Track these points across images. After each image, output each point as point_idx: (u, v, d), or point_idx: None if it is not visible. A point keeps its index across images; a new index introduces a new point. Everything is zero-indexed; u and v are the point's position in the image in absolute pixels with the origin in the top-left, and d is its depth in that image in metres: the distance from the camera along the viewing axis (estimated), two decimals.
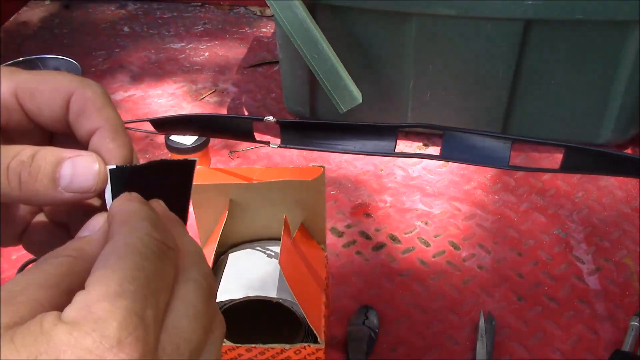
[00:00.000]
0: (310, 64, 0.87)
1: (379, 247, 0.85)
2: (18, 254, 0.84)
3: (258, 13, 1.45)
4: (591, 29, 0.86)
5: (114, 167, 0.28)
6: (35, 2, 1.53)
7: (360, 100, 0.89)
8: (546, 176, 0.95)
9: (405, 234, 0.87)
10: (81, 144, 0.29)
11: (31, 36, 1.39)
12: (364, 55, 0.94)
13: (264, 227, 0.72)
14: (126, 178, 0.29)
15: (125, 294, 0.23)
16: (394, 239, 0.86)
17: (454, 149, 0.55)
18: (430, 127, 0.58)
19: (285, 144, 0.60)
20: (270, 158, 1.01)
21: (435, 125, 0.58)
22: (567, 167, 0.52)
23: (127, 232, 0.26)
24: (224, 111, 1.13)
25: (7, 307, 0.22)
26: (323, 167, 0.68)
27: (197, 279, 0.26)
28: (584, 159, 0.51)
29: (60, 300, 0.24)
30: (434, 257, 0.83)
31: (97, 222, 0.28)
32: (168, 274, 0.25)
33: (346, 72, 0.88)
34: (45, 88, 0.28)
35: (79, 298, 0.23)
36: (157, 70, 1.25)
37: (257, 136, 0.63)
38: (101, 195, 0.28)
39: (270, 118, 0.59)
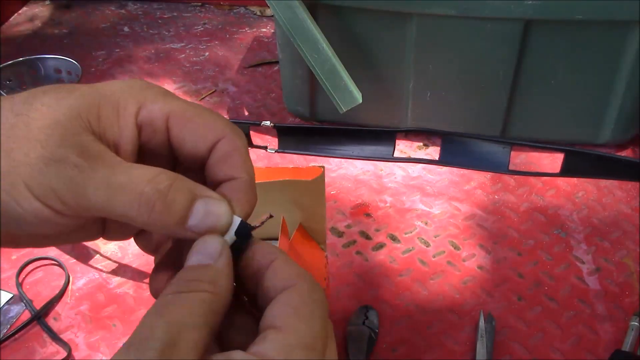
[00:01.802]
0: (310, 64, 0.87)
1: (379, 247, 0.85)
2: (18, 253, 0.84)
3: (258, 13, 1.45)
4: (591, 29, 0.86)
5: (239, 219, 0.30)
6: (35, 2, 1.53)
7: (360, 100, 0.89)
8: (546, 176, 0.95)
9: (405, 234, 0.87)
10: (201, 181, 0.29)
11: (31, 36, 1.39)
12: (364, 55, 0.94)
13: (264, 227, 0.71)
14: (245, 233, 0.30)
15: (315, 347, 0.26)
16: (394, 239, 0.86)
17: (454, 154, 0.55)
18: (428, 131, 0.58)
19: (282, 148, 0.60)
20: (270, 158, 1.01)
21: (434, 130, 0.58)
22: (567, 171, 0.52)
23: (316, 292, 0.28)
24: (224, 111, 1.13)
25: (172, 351, 0.23)
26: (323, 167, 0.68)
27: (334, 346, 0.29)
28: (583, 163, 0.51)
29: (209, 339, 0.25)
30: (434, 257, 0.83)
31: (213, 247, 0.28)
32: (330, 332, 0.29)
33: (346, 72, 0.88)
34: (199, 122, 0.28)
35: (274, 337, 0.26)
36: (157, 70, 1.25)
37: (256, 139, 0.63)
38: None
39: (268, 123, 0.59)
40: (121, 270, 0.82)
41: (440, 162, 0.56)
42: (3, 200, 0.26)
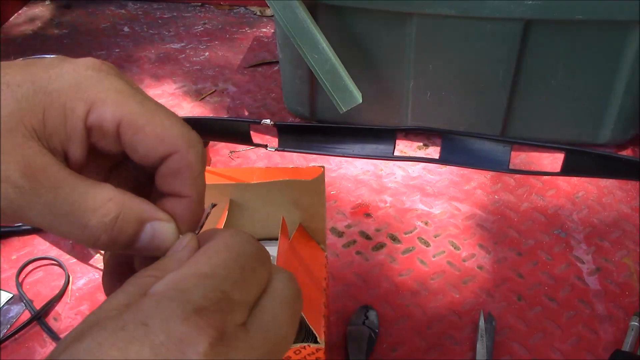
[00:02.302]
0: (310, 64, 0.87)
1: (379, 247, 0.85)
2: (18, 253, 0.84)
3: (258, 13, 1.45)
4: (591, 29, 0.86)
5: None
6: (35, 2, 1.53)
7: (360, 100, 0.89)
8: (546, 176, 0.95)
9: (405, 234, 0.87)
10: (144, 175, 0.29)
11: (31, 36, 1.39)
12: (364, 55, 0.94)
13: (264, 227, 0.72)
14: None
15: (215, 275, 0.24)
16: (394, 239, 0.86)
17: (453, 152, 0.55)
18: (429, 130, 0.59)
19: (282, 147, 0.60)
20: (270, 158, 1.01)
21: (434, 129, 0.58)
22: (567, 170, 0.52)
23: (228, 236, 0.27)
24: (223, 111, 1.13)
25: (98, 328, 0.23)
26: (323, 167, 0.68)
27: (287, 278, 0.27)
28: (584, 162, 0.51)
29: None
30: (434, 257, 0.83)
31: (181, 242, 0.28)
32: (262, 274, 0.26)
33: (346, 72, 0.88)
34: (150, 132, 0.27)
35: (169, 276, 0.24)
36: (157, 70, 1.25)
37: (256, 137, 0.63)
38: None
39: (268, 121, 0.59)
40: None
41: (440, 160, 0.56)
42: None
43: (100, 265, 0.83)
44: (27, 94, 0.25)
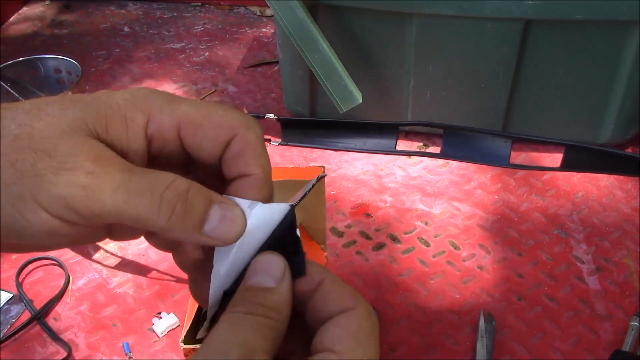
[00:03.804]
0: (310, 64, 0.87)
1: (379, 247, 0.85)
2: (18, 253, 0.84)
3: (258, 13, 1.45)
4: (591, 29, 0.86)
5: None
6: (35, 2, 1.53)
7: (360, 100, 0.89)
8: (546, 176, 0.95)
9: (405, 234, 0.87)
10: (216, 184, 0.29)
11: (31, 36, 1.39)
12: (364, 55, 0.94)
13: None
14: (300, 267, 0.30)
15: None
16: (394, 239, 0.86)
17: (455, 147, 0.55)
18: (431, 125, 0.59)
19: (286, 141, 0.60)
20: (270, 158, 1.01)
21: (436, 124, 0.58)
22: (567, 165, 0.52)
23: (367, 313, 0.28)
24: None
25: None
26: (323, 167, 0.68)
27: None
28: (584, 158, 0.51)
29: None
30: (434, 257, 0.83)
31: (275, 269, 0.29)
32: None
33: (346, 72, 0.88)
34: (208, 125, 0.28)
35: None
36: (157, 71, 1.25)
37: None
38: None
39: (272, 115, 0.59)
40: (121, 270, 0.82)
41: (441, 155, 0.56)
42: (5, 214, 0.25)
43: (100, 266, 0.83)
44: (90, 103, 0.26)
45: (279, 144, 0.61)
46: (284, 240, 0.30)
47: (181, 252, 0.32)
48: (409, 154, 0.96)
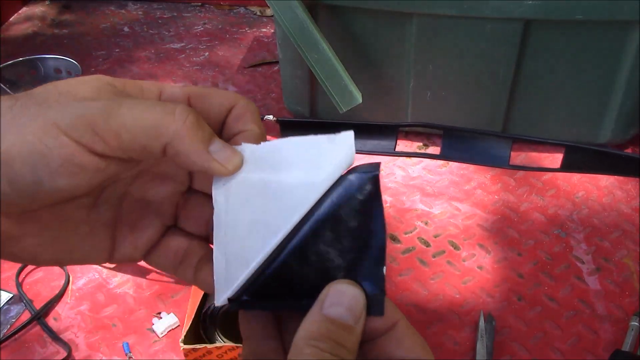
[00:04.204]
0: (310, 64, 0.87)
1: None
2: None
3: (258, 13, 1.45)
4: (591, 29, 0.86)
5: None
6: (35, 2, 1.53)
7: (360, 100, 0.89)
8: (546, 176, 0.95)
9: (405, 233, 0.87)
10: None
11: (31, 36, 1.39)
12: (364, 55, 0.94)
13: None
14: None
15: None
16: (394, 239, 0.86)
17: (454, 148, 0.55)
18: (430, 126, 0.59)
19: None
20: None
21: (435, 125, 0.58)
22: (567, 166, 0.52)
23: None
24: None
25: None
26: None
27: None
28: (583, 158, 0.51)
29: None
30: (434, 257, 0.83)
31: (356, 304, 0.30)
32: None
33: (346, 72, 0.88)
34: (214, 95, 0.32)
35: None
36: (157, 71, 1.25)
37: None
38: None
39: (271, 117, 0.59)
40: (121, 270, 0.82)
41: (441, 156, 0.56)
42: (28, 141, 0.26)
43: (100, 265, 0.83)
44: (113, 77, 0.31)
45: None
46: (361, 227, 0.32)
47: (182, 270, 0.34)
48: (408, 155, 0.96)
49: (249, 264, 0.31)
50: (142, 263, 0.83)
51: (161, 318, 0.75)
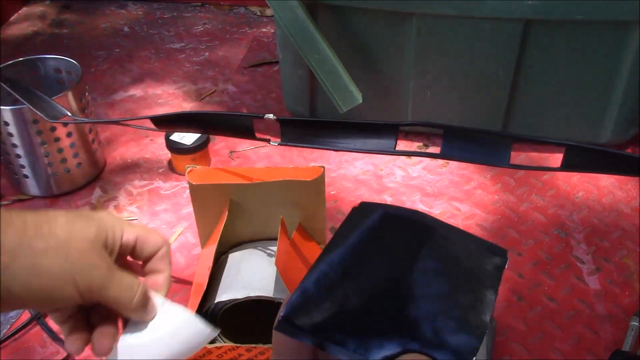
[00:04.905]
0: (310, 64, 0.87)
1: None
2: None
3: (258, 13, 1.46)
4: (591, 29, 0.86)
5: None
6: (35, 2, 1.53)
7: (361, 100, 0.89)
8: (546, 176, 0.95)
9: None
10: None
11: (31, 36, 1.39)
12: (364, 55, 0.94)
13: (264, 227, 0.72)
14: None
15: None
16: None
17: (455, 148, 0.55)
18: (431, 125, 0.58)
19: (285, 141, 0.60)
20: (270, 158, 1.01)
21: (436, 124, 0.58)
22: (567, 165, 0.52)
23: None
24: (223, 111, 1.13)
25: None
26: (323, 167, 0.68)
27: None
28: (584, 158, 0.51)
29: None
30: None
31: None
32: None
33: (346, 72, 0.88)
34: (152, 239, 0.46)
35: None
36: (157, 70, 1.25)
37: (258, 135, 0.63)
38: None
39: (271, 116, 0.59)
40: None
41: (441, 155, 0.55)
42: (56, 287, 0.40)
43: None
44: (98, 223, 0.43)
45: (278, 144, 0.61)
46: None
47: (60, 314, 0.45)
48: (408, 154, 0.96)
49: None
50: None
51: None
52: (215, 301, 0.64)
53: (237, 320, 0.66)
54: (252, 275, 0.66)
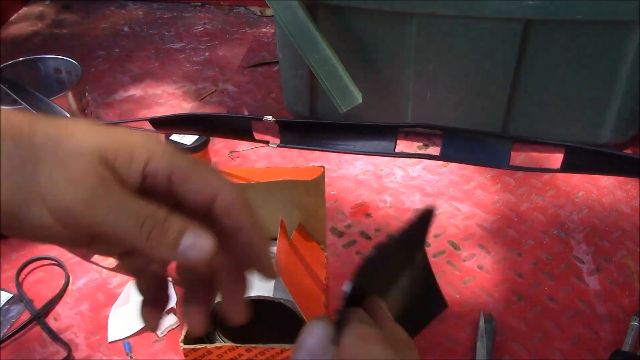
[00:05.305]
0: (310, 64, 0.87)
1: None
2: (18, 253, 0.84)
3: (258, 13, 1.45)
4: (591, 29, 0.86)
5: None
6: (35, 2, 1.53)
7: (360, 100, 0.89)
8: (546, 176, 0.95)
9: None
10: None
11: (31, 36, 1.39)
12: (364, 55, 0.94)
13: (265, 227, 0.71)
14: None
15: None
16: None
17: (454, 149, 0.55)
18: (430, 127, 0.59)
19: (284, 143, 0.60)
20: (270, 158, 1.01)
21: (435, 125, 0.58)
22: (567, 166, 0.52)
23: None
24: (223, 111, 1.13)
25: None
26: (323, 167, 0.68)
27: None
28: (584, 159, 0.51)
29: None
30: (434, 257, 0.83)
31: (321, 338, 0.32)
32: None
33: (346, 72, 0.88)
34: (197, 178, 0.33)
35: None
36: (157, 70, 1.25)
37: (257, 136, 0.63)
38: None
39: (270, 117, 0.59)
40: (121, 270, 0.82)
41: (441, 157, 0.56)
42: (15, 202, 0.30)
43: (100, 266, 0.83)
44: (109, 134, 0.32)
45: (277, 146, 0.61)
46: None
47: (142, 278, 0.37)
48: (408, 156, 0.96)
49: None
50: None
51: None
52: (215, 301, 0.64)
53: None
54: (252, 275, 0.66)
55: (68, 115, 0.77)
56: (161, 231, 0.31)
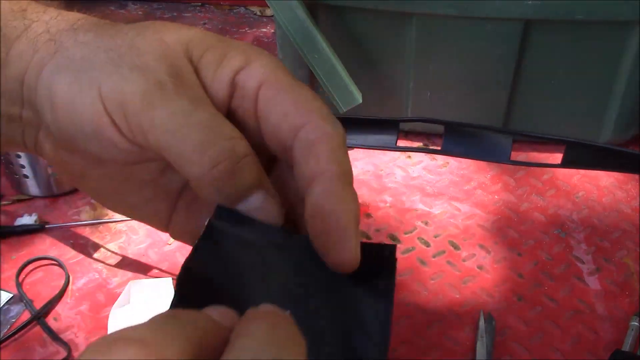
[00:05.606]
0: (310, 64, 0.87)
1: None
2: (18, 253, 0.84)
3: (258, 13, 1.45)
4: (591, 29, 0.86)
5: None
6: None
7: (360, 101, 0.89)
8: (546, 176, 0.95)
9: (405, 233, 0.87)
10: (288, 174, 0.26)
11: None
12: (364, 55, 0.94)
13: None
14: None
15: None
16: (394, 239, 0.86)
17: (455, 144, 0.56)
18: (432, 121, 0.59)
19: None
20: None
21: (437, 120, 0.58)
22: (568, 162, 0.52)
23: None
24: None
25: None
26: None
27: None
28: (584, 155, 0.51)
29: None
30: (434, 257, 0.83)
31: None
32: None
33: (346, 72, 0.88)
34: (288, 97, 0.26)
35: None
36: None
37: None
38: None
39: None
40: (121, 270, 0.82)
41: (442, 151, 0.56)
42: (71, 88, 0.24)
43: (100, 266, 0.83)
44: (199, 31, 0.26)
45: None
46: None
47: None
48: (410, 150, 0.96)
49: None
50: (142, 262, 0.82)
51: None
52: None
53: None
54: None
55: None
56: (232, 171, 0.23)
